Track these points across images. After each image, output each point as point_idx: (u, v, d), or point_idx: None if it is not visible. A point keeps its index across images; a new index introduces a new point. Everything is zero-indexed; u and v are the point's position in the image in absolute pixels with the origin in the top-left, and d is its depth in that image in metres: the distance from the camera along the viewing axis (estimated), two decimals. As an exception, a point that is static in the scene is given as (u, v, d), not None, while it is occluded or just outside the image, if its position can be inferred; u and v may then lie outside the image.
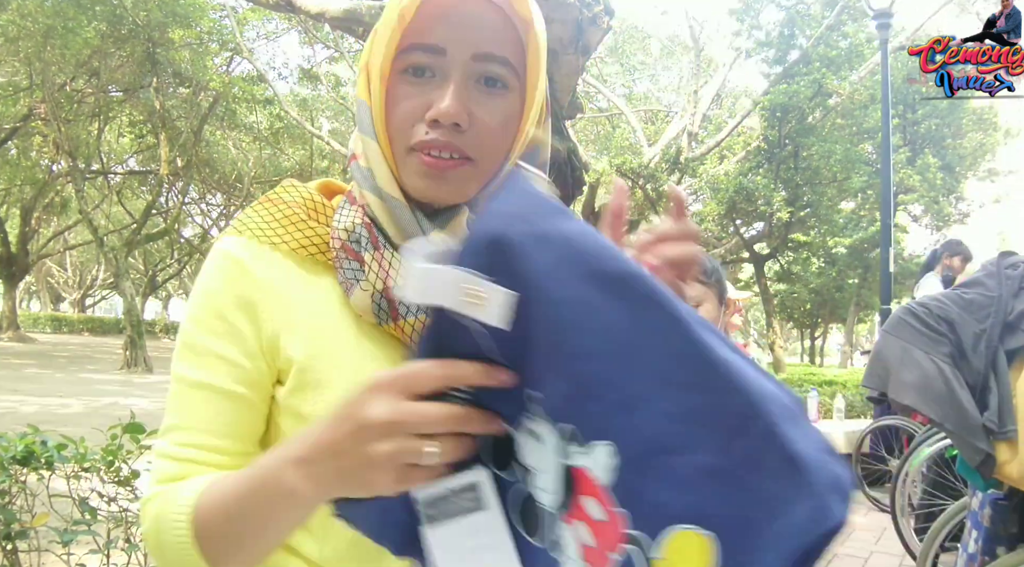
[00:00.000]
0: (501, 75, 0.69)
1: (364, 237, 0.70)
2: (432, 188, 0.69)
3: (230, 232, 0.74)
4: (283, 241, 0.72)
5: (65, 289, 37.19)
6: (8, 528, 1.71)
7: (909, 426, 4.58)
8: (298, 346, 0.70)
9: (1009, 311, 1.80)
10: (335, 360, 0.70)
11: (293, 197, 0.75)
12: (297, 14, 8.95)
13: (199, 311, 0.71)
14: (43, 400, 8.79)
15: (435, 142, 0.67)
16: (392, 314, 0.69)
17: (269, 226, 0.73)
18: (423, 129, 0.68)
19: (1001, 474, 1.75)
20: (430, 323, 0.53)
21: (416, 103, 0.68)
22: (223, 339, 0.70)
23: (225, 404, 0.70)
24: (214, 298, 0.71)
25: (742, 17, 14.19)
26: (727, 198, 12.91)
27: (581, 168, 7.32)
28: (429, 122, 0.67)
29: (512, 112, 0.71)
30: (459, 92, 0.67)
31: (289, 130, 17.60)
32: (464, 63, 0.67)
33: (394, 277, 0.69)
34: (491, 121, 0.69)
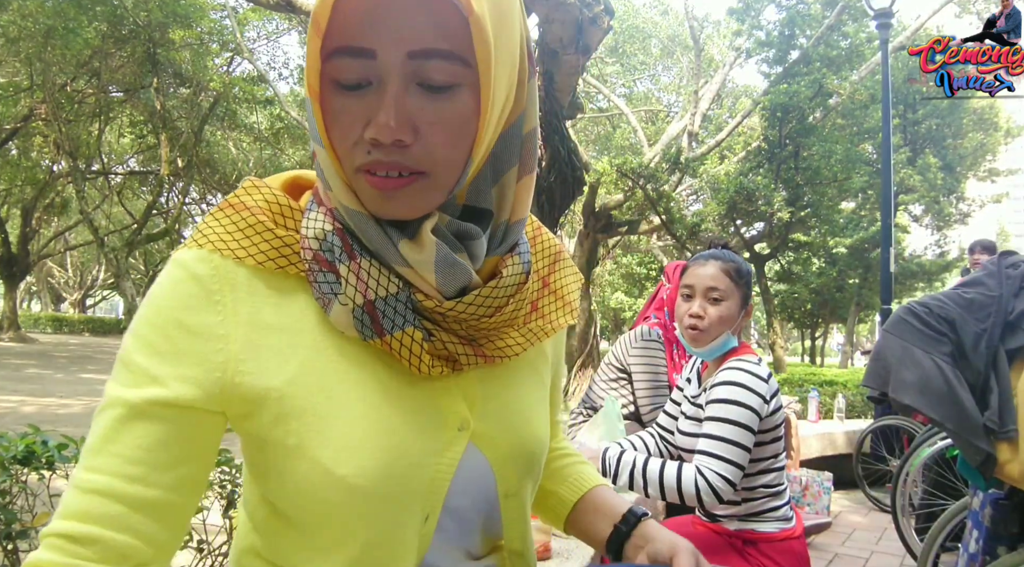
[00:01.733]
0: (446, 75, 0.59)
1: (337, 246, 0.63)
2: (385, 208, 0.61)
3: (190, 244, 0.65)
4: (248, 254, 0.64)
5: (65, 289, 37.21)
6: (9, 528, 1.71)
7: (910, 426, 4.59)
8: (273, 373, 0.63)
9: (1010, 311, 1.80)
10: (319, 384, 0.63)
11: (256, 201, 0.66)
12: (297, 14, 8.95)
13: (143, 327, 0.63)
14: (43, 400, 8.79)
15: (379, 163, 0.59)
16: (376, 329, 0.63)
17: (232, 237, 0.64)
18: (364, 149, 0.59)
19: (1002, 474, 1.75)
20: None
21: (352, 120, 0.60)
22: (161, 359, 0.61)
23: (149, 428, 0.60)
24: (162, 315, 0.62)
25: (742, 17, 14.18)
26: (727, 198, 12.90)
27: (581, 168, 7.32)
28: (369, 142, 0.59)
29: (465, 112, 0.60)
30: (397, 102, 0.58)
31: (289, 130, 17.60)
32: (398, 65, 0.58)
33: (374, 288, 0.62)
34: (440, 129, 0.60)
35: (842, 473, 4.99)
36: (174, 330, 0.62)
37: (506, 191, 0.67)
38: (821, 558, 3.76)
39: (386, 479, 0.63)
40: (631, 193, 11.69)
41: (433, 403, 0.68)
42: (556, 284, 0.80)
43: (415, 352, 0.64)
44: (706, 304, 1.79)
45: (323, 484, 0.62)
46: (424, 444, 0.65)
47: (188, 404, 0.61)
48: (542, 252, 0.80)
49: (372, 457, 0.62)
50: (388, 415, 0.64)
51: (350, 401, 0.64)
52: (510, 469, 0.73)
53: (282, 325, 0.64)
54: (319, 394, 0.63)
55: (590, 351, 10.99)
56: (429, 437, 0.66)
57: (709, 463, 1.62)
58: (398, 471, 0.63)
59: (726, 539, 1.79)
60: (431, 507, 0.66)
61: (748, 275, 1.84)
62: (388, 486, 0.63)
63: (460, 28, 0.58)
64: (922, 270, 18.97)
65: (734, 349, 1.82)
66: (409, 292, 0.64)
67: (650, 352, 2.76)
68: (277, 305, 0.65)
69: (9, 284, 20.94)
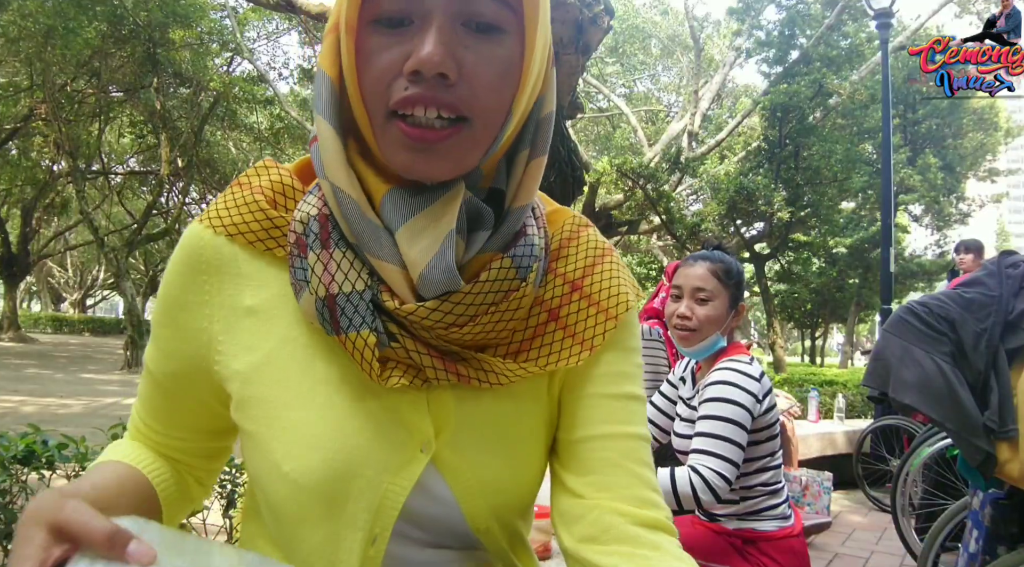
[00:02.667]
0: (493, 15, 0.56)
1: (314, 232, 0.60)
2: (420, 163, 0.56)
3: (199, 218, 0.66)
4: (239, 232, 0.63)
5: (66, 289, 37.20)
6: (9, 527, 1.71)
7: (910, 426, 4.59)
8: (242, 357, 0.62)
9: (1010, 310, 1.80)
10: (282, 374, 0.61)
11: (261, 181, 0.66)
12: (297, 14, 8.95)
13: (159, 294, 0.68)
14: (43, 400, 8.79)
15: (418, 98, 0.54)
16: (333, 326, 0.58)
17: (229, 214, 0.64)
18: (403, 85, 0.55)
19: (1002, 473, 1.75)
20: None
21: (392, 56, 0.55)
22: (162, 329, 0.67)
23: (153, 388, 0.70)
24: (166, 287, 0.66)
25: (742, 17, 14.19)
26: (727, 198, 12.90)
27: (581, 168, 7.32)
28: (408, 75, 0.54)
29: (510, 59, 0.57)
30: (443, 36, 0.54)
31: (289, 130, 17.58)
32: (447, 2, 0.55)
33: (340, 282, 0.58)
34: (487, 71, 0.56)
35: (842, 473, 4.99)
36: (171, 305, 0.66)
37: (515, 171, 0.62)
38: (821, 558, 3.76)
39: (330, 482, 0.59)
40: (631, 193, 11.70)
41: (396, 416, 0.62)
42: (591, 288, 0.68)
43: (366, 357, 0.58)
44: (693, 304, 1.80)
45: (271, 476, 0.61)
46: (379, 457, 0.60)
47: (171, 368, 0.68)
48: (581, 253, 0.69)
49: (319, 457, 0.59)
50: (344, 417, 0.60)
51: (309, 396, 0.61)
52: (479, 506, 0.64)
53: (259, 308, 0.63)
54: (280, 384, 0.61)
55: (590, 351, 10.97)
56: (385, 451, 0.61)
57: (704, 460, 1.63)
58: (343, 476, 0.59)
59: (726, 538, 1.79)
60: (380, 528, 0.61)
61: (738, 276, 1.85)
62: (331, 490, 0.59)
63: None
64: (922, 270, 18.96)
65: (724, 349, 1.83)
66: (376, 290, 0.59)
67: (651, 351, 2.77)
68: (259, 287, 0.64)
69: (9, 284, 20.93)
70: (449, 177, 0.58)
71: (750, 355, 1.82)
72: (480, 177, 0.61)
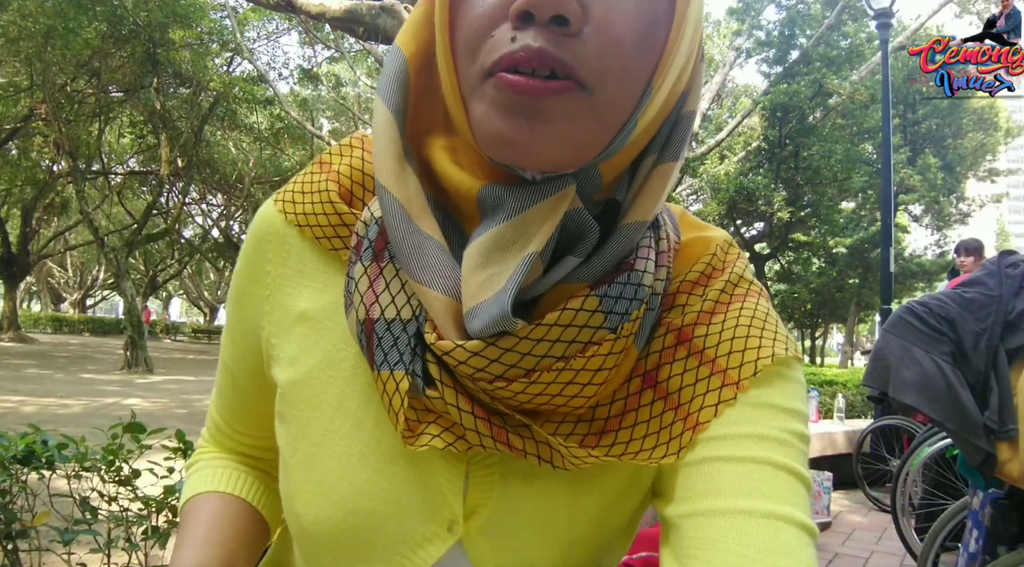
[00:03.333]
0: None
1: (371, 239, 0.49)
2: (519, 130, 0.40)
3: (276, 195, 0.57)
4: (308, 224, 0.54)
5: (65, 289, 37.19)
6: (9, 527, 1.71)
7: (910, 426, 4.59)
8: (285, 366, 0.54)
9: (1010, 310, 1.80)
10: (318, 399, 0.52)
11: (341, 164, 0.55)
12: (297, 14, 8.95)
13: (232, 285, 0.61)
14: (43, 400, 8.79)
15: (525, 50, 0.39)
16: (369, 358, 0.47)
17: (302, 200, 0.54)
18: (507, 35, 0.40)
19: (1002, 473, 1.75)
20: None
21: (491, 8, 0.41)
22: (231, 318, 0.61)
23: (230, 383, 0.64)
24: (237, 276, 0.60)
25: (742, 17, 14.19)
26: (727, 198, 12.91)
27: (581, 168, 7.32)
28: (516, 18, 0.39)
29: (655, 16, 0.42)
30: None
31: (290, 130, 17.58)
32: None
33: (384, 305, 0.47)
34: (619, 24, 0.40)
35: (842, 473, 4.99)
36: (237, 296, 0.60)
37: (636, 179, 0.46)
38: (821, 558, 3.76)
39: (340, 540, 0.50)
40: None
41: (426, 482, 0.50)
42: (706, 341, 0.49)
43: (394, 405, 0.46)
44: None
45: (286, 503, 0.54)
46: (398, 526, 0.49)
47: (242, 364, 0.61)
48: (709, 293, 0.51)
49: (331, 510, 0.50)
50: (367, 473, 0.49)
51: (336, 436, 0.51)
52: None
53: (313, 315, 0.53)
54: (313, 410, 0.52)
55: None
56: (406, 520, 0.49)
57: None
58: (355, 539, 0.50)
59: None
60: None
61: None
62: (341, 547, 0.51)
63: None
64: (922, 270, 18.97)
65: None
66: (421, 323, 0.46)
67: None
68: (317, 291, 0.54)
69: (9, 284, 20.93)
70: (551, 163, 0.42)
71: None
72: (598, 184, 0.45)
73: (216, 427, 0.68)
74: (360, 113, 18.05)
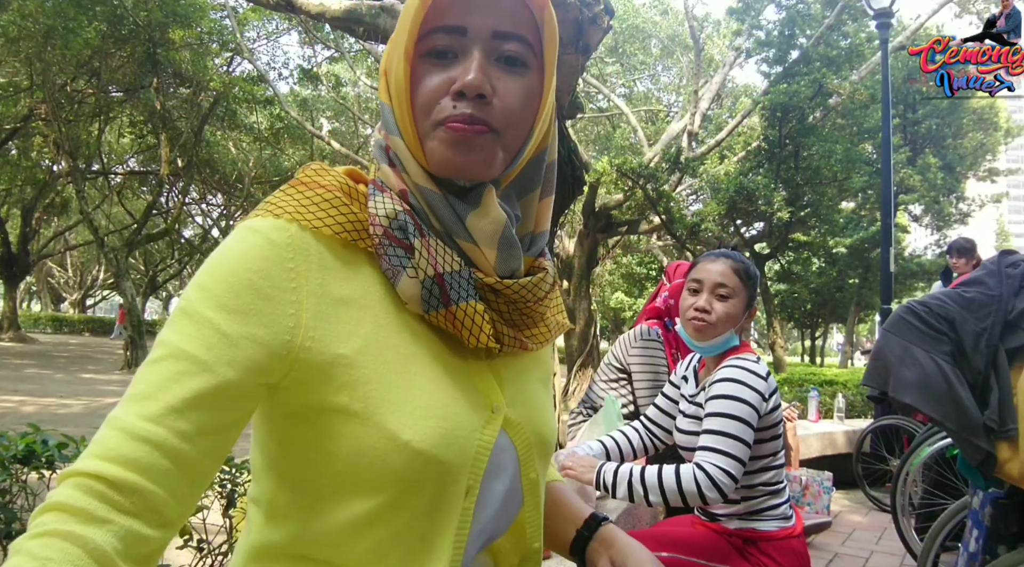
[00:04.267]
0: (520, 53, 0.71)
1: (410, 224, 0.70)
2: (458, 156, 0.69)
3: (263, 215, 0.67)
4: (325, 224, 0.68)
5: (65, 289, 37.19)
6: (9, 527, 1.71)
7: (910, 425, 4.59)
8: (343, 342, 0.66)
9: (1010, 310, 1.80)
10: (383, 356, 0.68)
11: (329, 180, 0.72)
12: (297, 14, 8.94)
13: (212, 282, 0.63)
14: (43, 400, 8.79)
15: (461, 115, 0.68)
16: (444, 300, 0.69)
17: (309, 209, 0.68)
18: (449, 104, 0.69)
19: (1002, 473, 1.75)
20: None
21: (440, 80, 0.70)
22: (230, 316, 0.62)
23: (207, 385, 0.59)
24: (235, 275, 0.63)
25: (742, 17, 14.18)
26: (727, 198, 12.89)
27: (581, 168, 7.31)
28: (454, 95, 0.69)
29: (531, 91, 0.73)
30: (481, 66, 0.69)
31: (289, 130, 17.59)
32: (484, 41, 0.70)
33: (443, 263, 0.70)
34: (512, 96, 0.71)
35: (842, 473, 4.99)
36: (246, 291, 0.63)
37: (529, 206, 0.77)
38: (821, 558, 3.76)
39: (445, 446, 0.67)
40: (631, 193, 11.69)
41: (471, 382, 0.73)
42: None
43: (477, 322, 0.70)
44: (713, 299, 1.81)
45: (387, 449, 0.65)
46: (471, 419, 0.71)
47: (248, 363, 0.61)
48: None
49: (435, 425, 0.67)
50: (444, 388, 0.70)
51: (412, 372, 0.69)
52: (533, 456, 0.77)
53: (349, 298, 0.68)
54: (384, 365, 0.67)
55: (590, 351, 10.99)
56: (475, 414, 0.71)
57: (709, 457, 1.63)
58: (454, 440, 0.68)
59: (726, 538, 1.79)
60: (472, 480, 0.70)
61: (755, 277, 1.86)
62: (446, 453, 0.67)
63: (530, 23, 0.72)
64: (922, 270, 18.97)
65: (734, 347, 1.83)
66: (470, 270, 0.71)
67: (650, 351, 2.76)
68: (345, 279, 0.69)
69: (9, 284, 20.93)
70: (480, 174, 0.71)
71: (756, 354, 1.83)
72: (518, 214, 0.76)
73: (132, 432, 0.57)
74: (360, 113, 18.05)
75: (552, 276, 0.79)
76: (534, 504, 0.79)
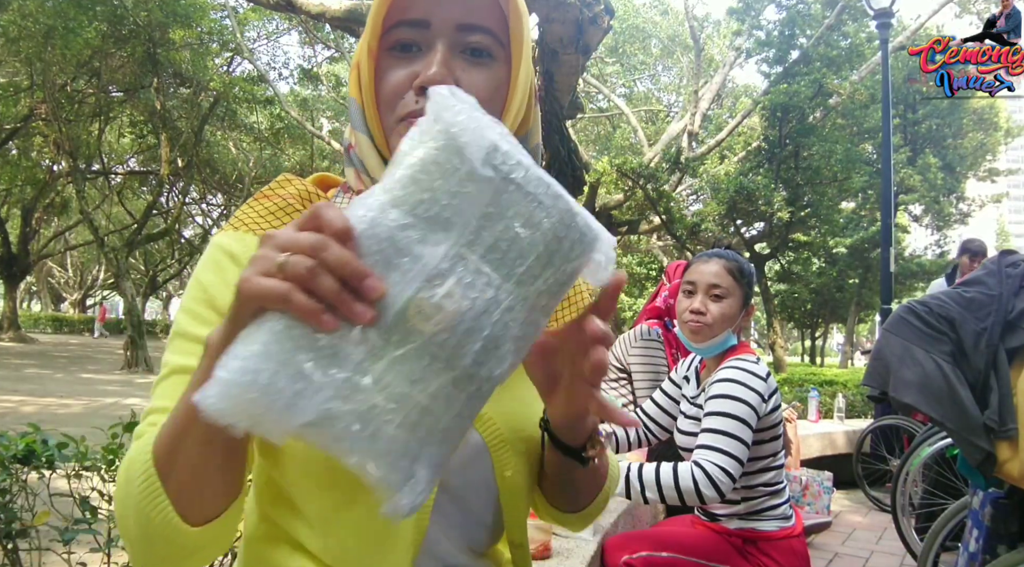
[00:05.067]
0: (485, 45, 0.70)
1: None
2: None
3: (227, 228, 0.74)
4: None
5: (66, 289, 37.19)
6: (9, 527, 1.71)
7: (910, 425, 4.58)
8: None
9: (1010, 310, 1.80)
10: None
11: (288, 191, 0.75)
12: (297, 14, 8.95)
13: (192, 302, 0.71)
14: (43, 400, 8.79)
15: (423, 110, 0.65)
16: None
17: (264, 219, 0.73)
18: (412, 99, 0.69)
19: (1002, 473, 1.75)
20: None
21: (403, 75, 0.69)
22: (209, 327, 0.67)
23: None
24: (206, 290, 0.70)
25: (742, 17, 14.18)
26: (727, 198, 12.89)
27: (581, 168, 7.33)
28: (417, 90, 0.68)
29: (498, 82, 0.72)
30: (445, 60, 0.68)
31: (289, 130, 17.60)
32: (448, 34, 0.69)
33: None
34: (478, 90, 0.69)
35: (842, 473, 4.99)
36: (219, 301, 0.69)
37: None
38: (821, 558, 3.76)
39: None
40: (631, 193, 11.69)
41: None
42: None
43: None
44: (708, 301, 1.80)
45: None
46: None
47: None
48: None
49: None
50: None
51: None
52: (507, 453, 0.75)
53: None
54: None
55: (590, 351, 10.96)
56: None
57: (708, 456, 1.63)
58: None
59: (726, 538, 1.79)
60: None
61: (750, 275, 1.86)
62: None
63: (497, 14, 0.71)
64: (922, 270, 18.97)
65: (733, 348, 1.83)
66: None
67: (650, 351, 2.76)
68: None
69: (9, 284, 20.93)
70: None
71: (756, 355, 1.83)
72: None
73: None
74: (360, 113, 18.02)
75: None
76: (513, 502, 0.77)
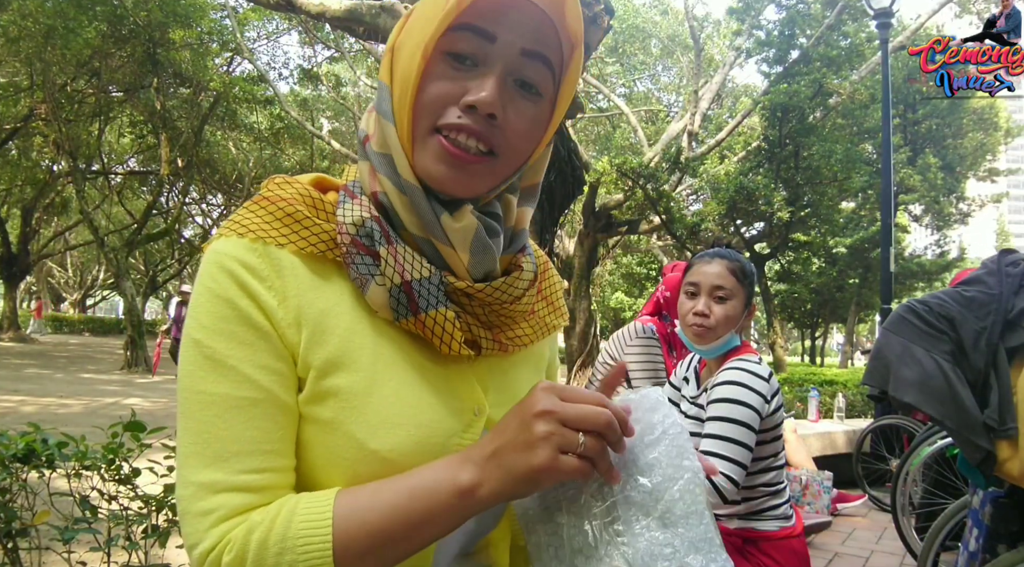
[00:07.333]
0: (539, 80, 0.70)
1: (376, 231, 0.69)
2: (449, 177, 0.68)
3: (227, 235, 0.68)
4: (289, 241, 0.68)
5: (66, 289, 37.18)
6: (9, 526, 1.71)
7: (910, 425, 4.59)
8: (315, 352, 0.67)
9: (1010, 309, 1.80)
10: (355, 363, 0.68)
11: (290, 193, 0.71)
12: (297, 14, 8.95)
13: (215, 320, 0.65)
14: (43, 400, 8.79)
15: (467, 127, 0.66)
16: (412, 308, 0.68)
17: (271, 226, 0.69)
18: (455, 113, 0.67)
19: (1002, 472, 1.75)
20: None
21: (453, 86, 0.67)
22: (254, 347, 0.66)
23: (281, 417, 0.66)
24: (230, 305, 0.65)
25: (742, 17, 14.18)
26: (727, 198, 12.89)
27: (581, 168, 7.32)
28: (464, 107, 0.67)
29: (540, 120, 0.71)
30: (500, 85, 0.67)
31: (289, 130, 17.59)
32: (511, 57, 0.68)
33: (411, 271, 0.68)
34: (520, 123, 0.69)
35: (842, 473, 4.99)
36: (250, 315, 0.66)
37: (509, 203, 0.77)
38: (821, 557, 3.76)
39: (417, 455, 0.67)
40: (631, 193, 11.68)
41: (452, 386, 0.72)
42: (547, 291, 0.87)
43: (447, 330, 0.69)
44: (711, 302, 1.79)
45: (356, 458, 0.66)
46: (449, 424, 0.70)
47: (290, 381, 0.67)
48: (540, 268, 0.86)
49: (406, 434, 0.67)
50: (419, 394, 0.69)
51: (384, 379, 0.68)
52: None
53: (321, 307, 0.68)
54: (356, 373, 0.67)
55: (590, 351, 10.98)
56: (453, 418, 0.71)
57: (712, 463, 1.62)
58: (427, 448, 0.68)
59: (726, 538, 1.79)
60: None
61: (752, 275, 1.85)
62: (417, 461, 0.66)
63: (559, 55, 0.71)
64: (922, 270, 18.98)
65: (735, 348, 1.82)
66: (441, 276, 0.70)
67: (648, 349, 2.76)
68: (316, 288, 0.69)
69: (9, 284, 20.92)
70: (469, 196, 0.70)
71: (758, 355, 1.82)
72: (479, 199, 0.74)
73: (256, 494, 0.65)
74: (360, 113, 18.04)
75: (530, 273, 0.76)
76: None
